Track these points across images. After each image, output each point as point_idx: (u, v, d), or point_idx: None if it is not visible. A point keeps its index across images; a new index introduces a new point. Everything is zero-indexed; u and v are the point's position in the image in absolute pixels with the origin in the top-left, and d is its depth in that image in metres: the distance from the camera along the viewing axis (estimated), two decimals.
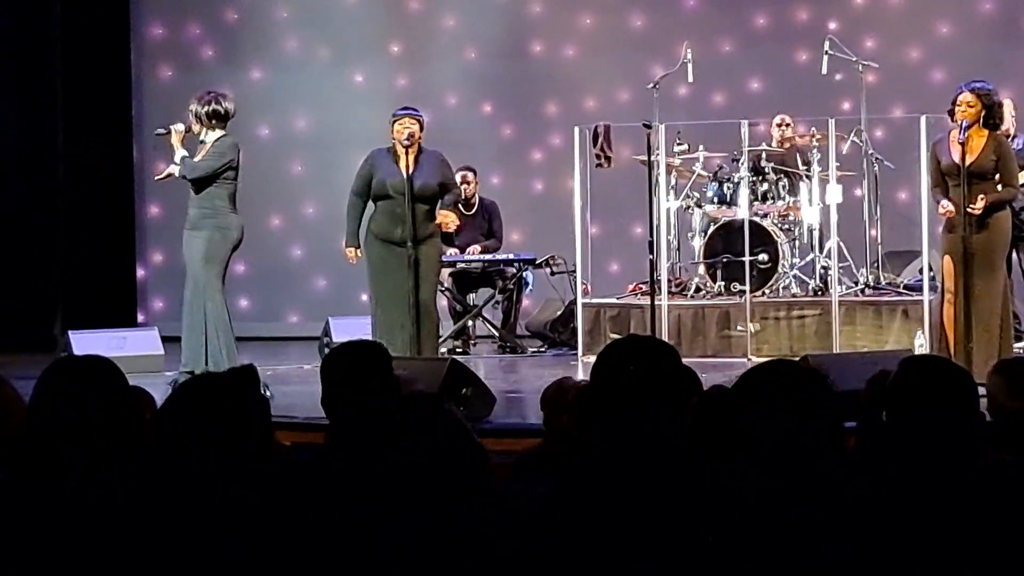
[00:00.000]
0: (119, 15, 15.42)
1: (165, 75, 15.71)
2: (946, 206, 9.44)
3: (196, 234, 9.78)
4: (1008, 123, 11.21)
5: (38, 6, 14.59)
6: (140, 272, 15.61)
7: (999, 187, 9.56)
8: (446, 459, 2.80)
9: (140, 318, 15.30)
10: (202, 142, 9.81)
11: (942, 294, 9.68)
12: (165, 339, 12.21)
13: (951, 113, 9.55)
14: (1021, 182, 10.44)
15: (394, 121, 9.99)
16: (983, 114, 9.43)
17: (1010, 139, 11.03)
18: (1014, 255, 11.31)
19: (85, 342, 11.48)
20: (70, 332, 12.01)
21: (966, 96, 9.43)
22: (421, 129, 9.96)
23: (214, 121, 9.76)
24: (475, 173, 13.45)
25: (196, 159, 9.75)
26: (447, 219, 10.00)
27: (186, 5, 15.79)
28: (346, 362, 4.65)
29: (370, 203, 10.09)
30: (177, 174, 9.81)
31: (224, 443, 3.69)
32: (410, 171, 9.83)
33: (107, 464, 3.15)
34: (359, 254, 10.16)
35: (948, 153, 9.49)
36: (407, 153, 9.85)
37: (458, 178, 12.56)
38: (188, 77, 15.50)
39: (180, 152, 9.76)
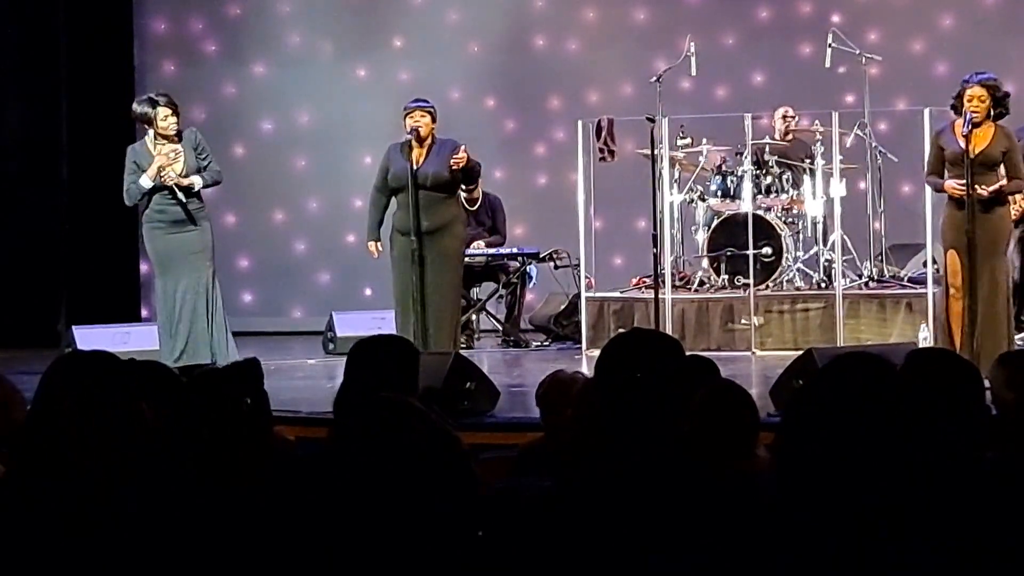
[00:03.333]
0: (122, 10, 15.41)
1: (168, 70, 15.70)
2: (956, 185, 9.36)
3: (192, 229, 9.70)
4: None
5: (42, 1, 14.59)
6: (143, 267, 15.60)
7: (1004, 179, 9.51)
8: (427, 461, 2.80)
9: (143, 313, 15.29)
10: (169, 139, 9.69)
11: (946, 289, 9.64)
12: None
13: (955, 108, 9.49)
14: None
15: (405, 115, 9.99)
16: (990, 106, 9.38)
17: None
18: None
19: (89, 337, 11.49)
20: (74, 327, 12.01)
21: (977, 90, 9.34)
22: (433, 120, 9.97)
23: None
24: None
25: (197, 179, 9.66)
26: (460, 157, 9.85)
27: (189, 0, 15.80)
28: (372, 356, 4.64)
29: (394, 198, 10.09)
30: (200, 186, 9.71)
31: (225, 436, 3.69)
32: (419, 162, 9.83)
33: (112, 459, 3.15)
34: (380, 247, 10.15)
35: (955, 143, 9.42)
36: (420, 144, 9.85)
37: None
38: (191, 72, 15.51)
39: (198, 181, 9.68)
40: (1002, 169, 9.47)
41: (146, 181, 9.67)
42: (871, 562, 2.66)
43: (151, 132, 9.78)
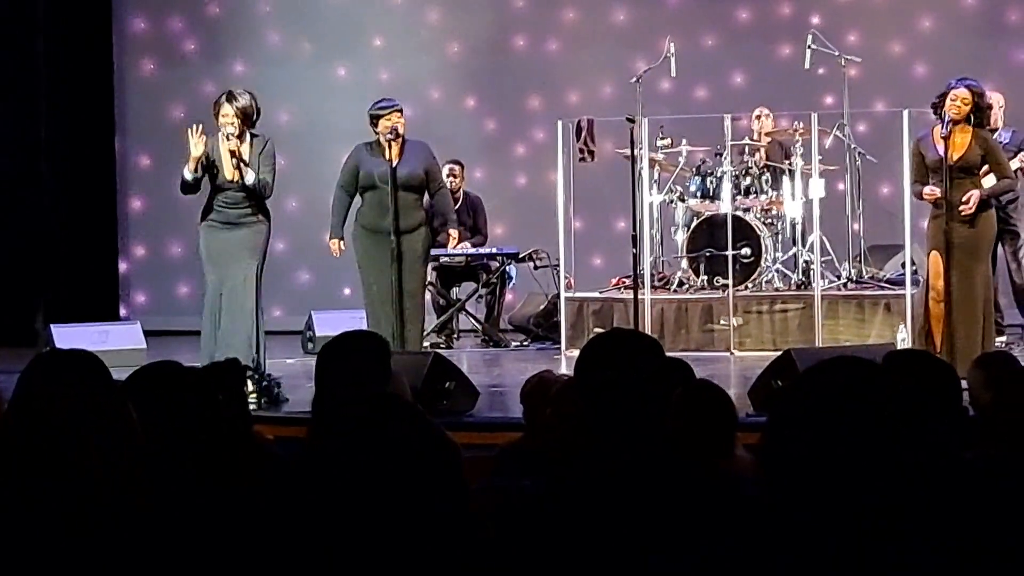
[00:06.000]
0: (101, 8, 15.38)
1: (147, 68, 15.68)
2: (932, 191, 9.39)
3: (244, 227, 9.56)
4: (995, 116, 11.21)
5: (21, 0, 14.55)
6: (122, 266, 15.58)
7: (984, 181, 9.51)
8: (422, 461, 2.80)
9: (122, 312, 15.27)
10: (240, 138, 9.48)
11: (926, 291, 9.64)
12: (147, 333, 12.20)
13: (936, 108, 9.49)
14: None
15: (379, 117, 10.00)
16: (972, 112, 9.38)
17: (995, 132, 11.05)
18: (999, 248, 11.34)
19: (67, 336, 11.46)
20: (52, 326, 11.98)
21: (962, 92, 9.34)
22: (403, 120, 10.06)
23: (256, 117, 9.55)
24: (462, 167, 13.47)
25: (251, 174, 9.45)
26: (454, 238, 10.58)
27: None
28: (344, 352, 4.64)
29: (357, 196, 10.12)
30: (249, 180, 9.50)
31: (203, 435, 3.69)
32: (395, 161, 9.89)
33: (92, 459, 3.14)
34: (343, 247, 10.18)
35: (934, 149, 9.44)
36: (393, 144, 9.89)
37: (445, 171, 12.60)
38: (170, 71, 15.49)
39: (250, 176, 9.42)
40: (985, 176, 9.47)
41: (187, 172, 9.52)
42: (861, 563, 2.67)
43: (219, 125, 9.62)
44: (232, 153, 9.38)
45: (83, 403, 3.17)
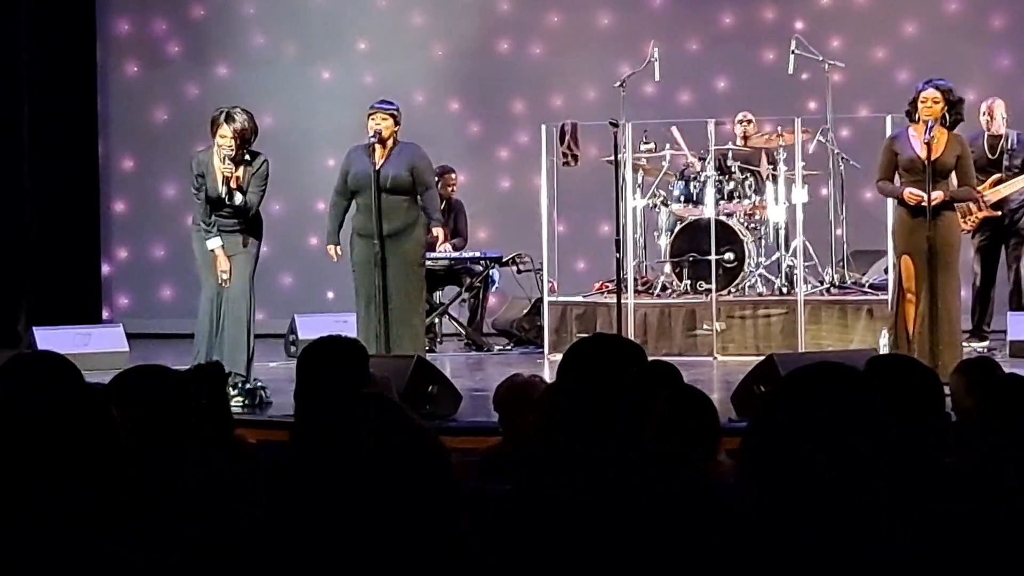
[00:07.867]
0: (85, 10, 15.35)
1: (131, 71, 15.66)
2: (917, 193, 9.42)
3: (234, 233, 9.44)
4: (998, 123, 11.42)
5: (3, 1, 14.51)
6: (105, 268, 15.56)
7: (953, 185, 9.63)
8: (407, 462, 2.79)
9: (105, 314, 15.24)
10: (244, 161, 9.33)
11: (900, 293, 9.67)
12: (130, 336, 12.17)
13: (909, 114, 9.56)
14: (1018, 187, 11.19)
15: (368, 116, 9.98)
16: (944, 111, 9.44)
17: (1001, 138, 11.29)
18: (1001, 251, 11.53)
19: (49, 338, 11.44)
20: (34, 328, 11.96)
21: (931, 93, 9.42)
22: (396, 123, 9.94)
23: (253, 137, 9.40)
24: (454, 173, 13.50)
25: (239, 196, 9.25)
26: (439, 237, 10.97)
27: (152, 1, 15.75)
28: (322, 357, 4.64)
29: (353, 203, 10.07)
30: (237, 201, 9.38)
31: (186, 438, 3.68)
32: (380, 164, 9.83)
33: (73, 461, 3.13)
34: (339, 251, 10.12)
35: (910, 148, 9.49)
36: (381, 146, 9.86)
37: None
38: (154, 73, 15.48)
39: (238, 198, 9.27)
40: (953, 176, 9.57)
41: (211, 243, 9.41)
42: (843, 568, 2.67)
43: (216, 144, 9.41)
44: (226, 179, 9.26)
45: (64, 405, 3.17)
